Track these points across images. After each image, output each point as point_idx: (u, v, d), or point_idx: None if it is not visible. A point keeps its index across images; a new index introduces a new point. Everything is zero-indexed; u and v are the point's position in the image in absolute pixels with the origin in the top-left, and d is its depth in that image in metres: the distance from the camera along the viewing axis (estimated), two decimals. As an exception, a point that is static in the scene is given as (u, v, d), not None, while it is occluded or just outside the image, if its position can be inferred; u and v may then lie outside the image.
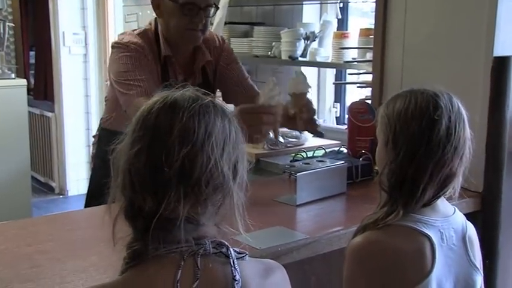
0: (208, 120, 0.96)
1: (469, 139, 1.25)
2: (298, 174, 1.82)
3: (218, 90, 2.29)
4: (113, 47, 2.07)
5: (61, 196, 5.24)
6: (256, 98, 2.11)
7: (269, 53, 3.32)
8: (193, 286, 0.94)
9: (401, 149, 1.22)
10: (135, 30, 2.13)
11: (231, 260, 0.98)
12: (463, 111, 1.25)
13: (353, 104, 2.29)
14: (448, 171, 1.23)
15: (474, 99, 1.91)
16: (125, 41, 2.04)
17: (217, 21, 3.48)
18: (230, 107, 2.19)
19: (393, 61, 2.17)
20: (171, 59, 2.08)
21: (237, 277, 0.97)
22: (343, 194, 1.92)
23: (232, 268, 0.97)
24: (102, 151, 2.20)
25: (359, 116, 2.23)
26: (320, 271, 1.72)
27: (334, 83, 3.38)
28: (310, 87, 2.04)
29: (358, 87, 2.84)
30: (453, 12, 1.98)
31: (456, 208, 1.33)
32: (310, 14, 3.45)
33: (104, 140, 2.14)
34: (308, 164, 1.96)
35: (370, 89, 2.39)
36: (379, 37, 2.20)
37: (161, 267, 0.94)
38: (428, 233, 1.22)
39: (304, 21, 3.37)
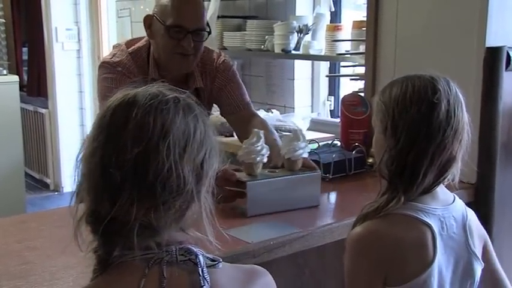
0: (166, 117, 0.89)
1: (467, 123, 1.24)
2: (248, 182, 1.60)
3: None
4: (100, 65, 2.00)
5: (56, 193, 5.22)
6: (251, 119, 2.07)
7: (262, 46, 3.31)
8: None
9: (401, 135, 1.20)
10: (131, 46, 2.03)
11: (200, 269, 0.91)
12: (461, 95, 1.24)
13: (346, 96, 2.28)
14: (448, 155, 1.21)
15: (467, 90, 1.85)
16: (113, 61, 1.96)
17: (209, 15, 3.47)
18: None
19: (385, 53, 2.16)
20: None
21: (205, 287, 0.90)
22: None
23: (201, 277, 0.90)
24: None
25: (352, 109, 2.22)
26: (314, 264, 1.71)
27: (327, 76, 3.38)
28: (306, 146, 1.71)
29: (351, 79, 2.84)
30: (445, 3, 1.97)
31: (456, 196, 1.32)
32: (303, 7, 3.44)
33: None
34: (274, 171, 1.70)
35: (363, 81, 2.39)
36: (371, 29, 2.19)
37: (125, 275, 0.90)
38: (429, 222, 1.22)
39: (297, 14, 3.36)
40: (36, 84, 5.34)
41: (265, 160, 1.65)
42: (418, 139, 1.19)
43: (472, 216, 1.32)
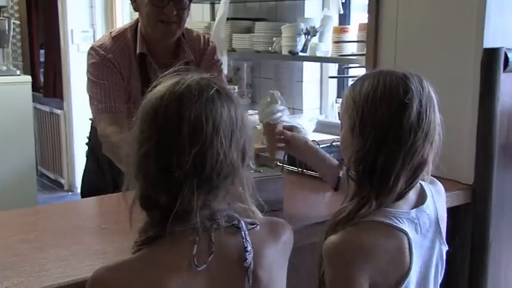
0: (216, 114, 0.98)
1: (439, 124, 1.20)
2: None
3: None
4: (88, 52, 2.08)
5: (70, 193, 5.29)
6: None
7: (270, 48, 3.33)
8: (208, 259, 0.98)
9: (369, 135, 1.14)
10: (118, 29, 2.14)
11: (242, 232, 1.02)
12: (433, 95, 1.19)
13: (346, 97, 2.28)
14: (420, 159, 1.16)
15: (465, 91, 1.90)
16: (96, 46, 2.05)
17: (219, 17, 3.50)
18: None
19: (386, 55, 2.16)
20: (147, 58, 2.06)
21: (248, 248, 1.02)
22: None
23: (244, 240, 1.02)
24: (94, 152, 2.22)
25: (352, 110, 2.22)
26: (309, 263, 1.72)
27: (330, 77, 3.38)
28: (285, 109, 1.74)
29: (352, 80, 2.84)
30: (444, 5, 1.97)
31: (427, 190, 1.26)
32: (312, 9, 3.45)
33: (95, 140, 2.15)
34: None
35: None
36: (372, 31, 2.19)
37: (177, 244, 0.99)
38: (404, 228, 1.16)
39: (306, 16, 3.38)
40: (52, 86, 5.43)
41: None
42: (387, 141, 1.13)
43: (440, 204, 1.28)
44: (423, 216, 1.22)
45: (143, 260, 1.00)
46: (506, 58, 1.84)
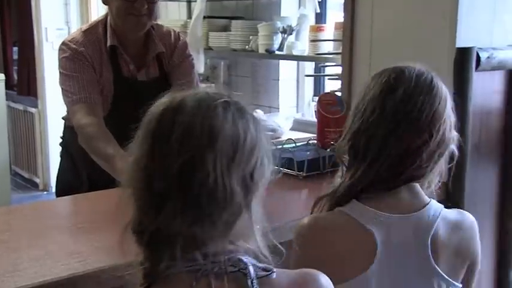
0: (214, 123, 0.83)
1: (449, 125, 1.18)
2: None
3: None
4: (59, 47, 2.08)
5: (45, 192, 5.23)
6: None
7: (247, 46, 3.33)
8: None
9: (356, 115, 1.17)
10: (88, 24, 2.15)
11: (249, 280, 0.85)
12: (443, 93, 1.19)
13: (322, 95, 2.31)
14: (405, 148, 1.13)
15: (439, 90, 1.93)
16: (67, 40, 2.05)
17: (195, 16, 3.50)
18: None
19: (361, 53, 2.19)
20: (118, 50, 2.07)
21: None
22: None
23: None
24: (68, 151, 2.20)
25: (328, 108, 2.24)
26: (285, 261, 1.73)
27: (306, 76, 3.41)
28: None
29: (329, 79, 2.86)
30: (418, 4, 2.00)
31: (432, 204, 1.20)
32: (288, 8, 3.47)
33: (69, 139, 2.14)
34: None
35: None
36: (348, 30, 2.21)
37: None
38: (372, 230, 1.14)
39: (282, 15, 3.39)
40: (26, 84, 5.35)
41: None
42: (371, 122, 1.14)
43: (445, 230, 1.18)
44: (404, 226, 1.15)
45: None
46: (478, 57, 1.87)
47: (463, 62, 1.86)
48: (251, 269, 0.85)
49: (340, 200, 1.18)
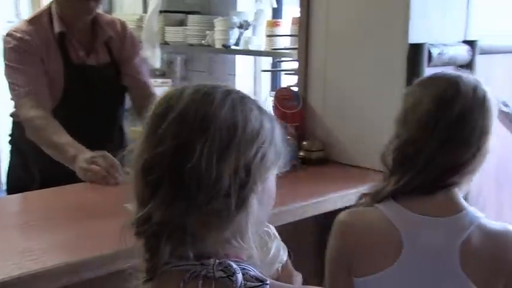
0: (209, 108, 0.80)
1: (488, 140, 1.19)
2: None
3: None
4: (3, 38, 2.04)
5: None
6: (150, 97, 2.06)
7: (203, 41, 3.32)
8: None
9: (408, 125, 1.20)
10: (32, 14, 2.13)
11: None
12: (492, 107, 1.20)
13: (279, 90, 2.32)
14: (453, 160, 1.17)
15: (393, 85, 1.96)
16: (12, 30, 2.02)
17: (151, 10, 3.46)
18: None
19: (317, 49, 2.21)
20: (66, 36, 2.04)
21: None
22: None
23: None
24: (18, 148, 2.16)
25: (285, 103, 2.26)
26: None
27: (262, 71, 3.42)
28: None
29: (285, 74, 2.88)
30: (372, 1, 2.03)
31: (468, 212, 1.19)
32: (245, 3, 3.47)
33: (18, 136, 2.09)
34: None
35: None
36: (304, 25, 2.23)
37: (162, 286, 0.83)
38: (399, 228, 1.17)
39: (239, 9, 3.39)
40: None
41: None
42: (422, 133, 1.18)
43: (479, 239, 1.17)
44: (434, 228, 1.17)
45: None
46: (430, 53, 1.92)
47: (416, 57, 1.90)
48: (239, 276, 0.79)
49: (381, 201, 1.22)
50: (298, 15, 2.88)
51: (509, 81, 2.27)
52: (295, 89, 2.34)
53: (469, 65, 2.07)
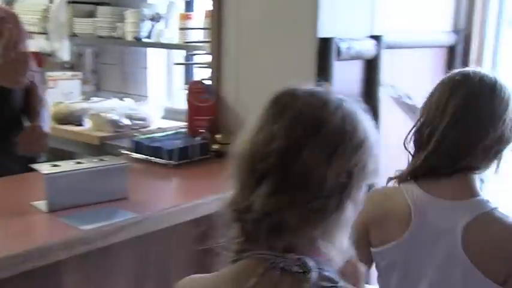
0: (324, 113, 0.85)
1: (511, 125, 1.25)
2: (46, 175, 1.51)
3: None
4: None
5: None
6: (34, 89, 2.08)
7: (114, 33, 3.24)
8: None
9: (424, 112, 1.30)
10: None
11: (307, 286, 0.83)
12: (506, 95, 1.25)
13: (192, 84, 2.31)
14: (462, 140, 1.24)
15: (303, 78, 2.00)
16: None
17: (58, 0, 3.33)
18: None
19: (229, 42, 2.22)
20: None
21: None
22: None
23: None
24: None
25: (198, 96, 2.25)
26: (159, 250, 1.72)
27: (175, 64, 3.39)
28: None
29: (198, 67, 2.87)
30: (283, -6, 2.07)
31: (479, 201, 1.24)
32: (157, -5, 3.41)
33: None
34: (80, 163, 1.62)
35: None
36: (216, 19, 2.23)
37: (243, 271, 0.87)
38: (411, 204, 1.27)
39: (149, 1, 3.33)
40: None
41: None
42: (433, 116, 1.27)
43: (484, 224, 1.22)
44: (441, 209, 1.26)
45: (214, 280, 0.91)
46: (338, 47, 1.98)
47: (325, 51, 1.96)
48: (313, 274, 0.84)
49: (404, 181, 1.33)
50: (211, 8, 2.89)
51: (413, 74, 2.38)
52: (208, 82, 2.34)
53: (375, 59, 2.16)
